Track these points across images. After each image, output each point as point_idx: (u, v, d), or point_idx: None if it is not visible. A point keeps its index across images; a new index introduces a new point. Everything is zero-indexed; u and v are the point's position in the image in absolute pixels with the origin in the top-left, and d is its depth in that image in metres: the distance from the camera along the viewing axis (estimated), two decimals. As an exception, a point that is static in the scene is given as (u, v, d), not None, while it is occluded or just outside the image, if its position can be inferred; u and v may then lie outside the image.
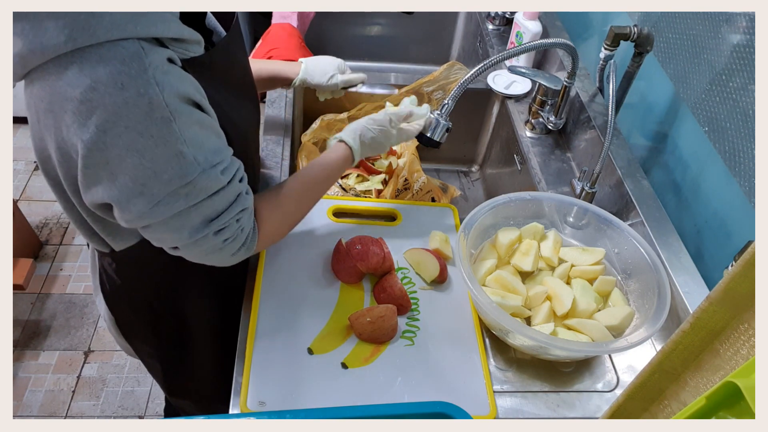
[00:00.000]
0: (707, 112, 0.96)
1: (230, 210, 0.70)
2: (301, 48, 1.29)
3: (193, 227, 0.68)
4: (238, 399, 0.77)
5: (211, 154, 0.65)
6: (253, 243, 0.77)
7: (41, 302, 1.96)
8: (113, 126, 0.58)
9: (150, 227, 0.68)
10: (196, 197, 0.65)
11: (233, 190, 0.69)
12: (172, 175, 0.62)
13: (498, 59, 0.98)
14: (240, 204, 0.71)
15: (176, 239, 0.69)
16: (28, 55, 0.56)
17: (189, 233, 0.68)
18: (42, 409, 1.70)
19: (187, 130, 0.62)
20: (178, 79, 0.61)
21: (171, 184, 0.63)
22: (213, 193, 0.67)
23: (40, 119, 0.61)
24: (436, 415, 0.65)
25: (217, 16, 0.80)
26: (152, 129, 0.59)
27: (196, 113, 0.63)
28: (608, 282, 0.90)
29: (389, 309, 0.85)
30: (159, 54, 0.59)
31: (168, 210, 0.65)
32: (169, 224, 0.67)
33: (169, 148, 0.61)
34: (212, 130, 0.66)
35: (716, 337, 0.50)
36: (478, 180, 1.53)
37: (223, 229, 0.70)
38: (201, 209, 0.67)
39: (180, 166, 0.62)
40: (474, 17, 1.70)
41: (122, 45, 0.56)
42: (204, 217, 0.68)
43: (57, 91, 0.57)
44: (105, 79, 0.56)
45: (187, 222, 0.67)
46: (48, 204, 2.29)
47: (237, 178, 0.70)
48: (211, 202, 0.67)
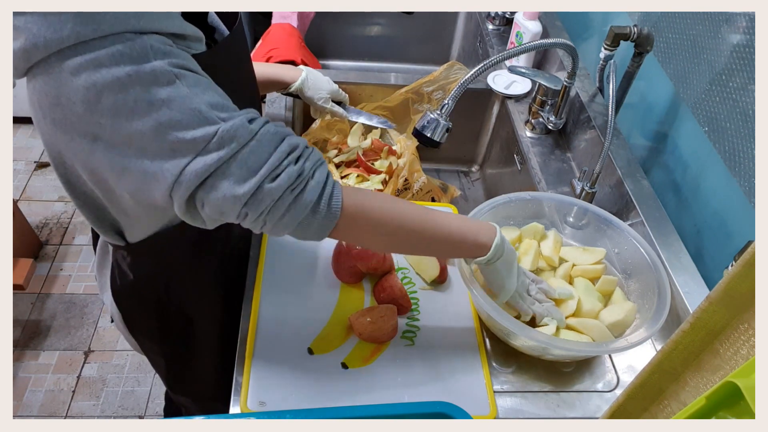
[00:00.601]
0: (707, 112, 0.96)
1: (276, 153, 0.62)
2: (301, 48, 1.29)
3: (240, 177, 0.61)
4: (238, 399, 0.77)
5: (228, 110, 0.62)
6: (338, 199, 0.66)
7: (41, 302, 1.96)
8: (123, 102, 0.57)
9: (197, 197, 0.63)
10: (227, 149, 0.60)
11: (270, 134, 0.63)
12: (194, 132, 0.59)
13: (498, 59, 0.98)
14: (287, 145, 0.63)
15: (230, 201, 0.62)
16: (32, 49, 0.56)
17: (236, 182, 0.61)
18: (42, 409, 1.70)
19: (197, 88, 0.60)
20: (177, 55, 0.61)
21: (197, 142, 0.59)
22: (245, 143, 0.61)
23: (46, 115, 0.61)
24: (436, 415, 0.65)
25: (220, 15, 0.80)
26: (162, 93, 0.58)
27: (205, 79, 0.62)
28: (610, 282, 0.90)
29: (389, 309, 0.85)
30: (160, 39, 0.60)
31: (201, 169, 0.60)
32: (213, 185, 0.61)
33: (184, 108, 0.58)
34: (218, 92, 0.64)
35: (716, 337, 0.50)
36: (478, 180, 1.53)
37: (279, 175, 0.62)
38: (240, 160, 0.61)
39: (200, 121, 0.59)
40: (474, 17, 1.70)
41: (126, 36, 0.57)
42: (248, 167, 0.61)
43: (62, 82, 0.57)
44: (106, 59, 0.56)
45: (231, 176, 0.61)
46: (48, 204, 2.29)
47: (270, 125, 0.64)
48: (248, 149, 0.61)
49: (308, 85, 1.05)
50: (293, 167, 0.63)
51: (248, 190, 0.61)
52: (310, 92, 1.06)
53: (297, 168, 0.63)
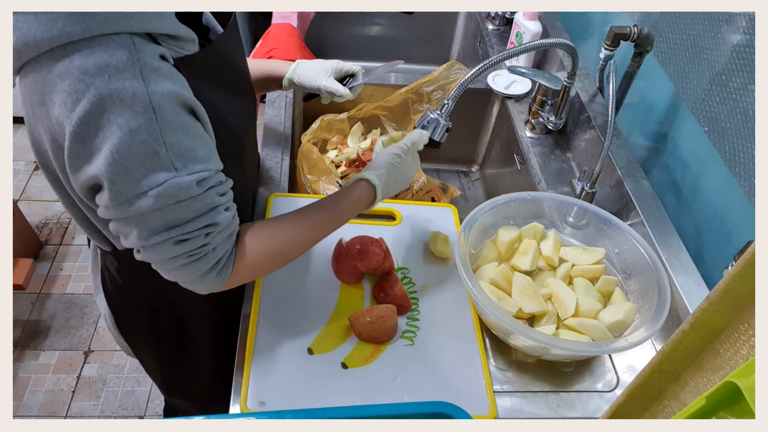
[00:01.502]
0: (707, 112, 0.96)
1: (196, 221, 0.65)
2: (301, 48, 1.29)
3: (153, 229, 0.64)
4: (238, 399, 0.77)
5: (191, 162, 0.62)
6: (227, 270, 0.71)
7: (41, 302, 1.96)
8: (97, 117, 0.57)
9: (114, 221, 0.65)
10: (161, 201, 0.61)
11: (205, 202, 0.65)
12: (142, 175, 0.60)
13: (498, 59, 0.98)
14: (210, 218, 0.66)
15: (136, 238, 0.65)
16: (22, 48, 0.57)
17: (148, 233, 0.64)
18: (42, 409, 1.70)
19: (169, 130, 0.59)
20: (168, 77, 0.60)
21: (139, 186, 0.60)
22: (179, 200, 0.62)
23: (34, 113, 0.61)
24: (436, 415, 0.65)
25: (215, 15, 0.80)
26: (131, 123, 0.57)
27: (184, 116, 0.61)
28: (610, 282, 0.90)
29: (389, 309, 0.85)
30: (151, 50, 0.59)
31: (131, 209, 0.62)
32: (129, 220, 0.64)
33: (145, 147, 0.59)
34: (201, 139, 0.64)
35: (716, 337, 0.49)
36: (478, 180, 1.53)
37: (186, 241, 0.65)
38: (164, 213, 0.63)
39: (153, 167, 0.60)
40: (474, 17, 1.70)
41: (113, 39, 0.57)
42: (165, 221, 0.63)
43: (48, 83, 0.57)
44: (93, 70, 0.56)
45: (149, 222, 0.63)
46: (48, 204, 2.29)
47: (215, 191, 0.66)
48: (177, 207, 0.63)
49: (298, 73, 1.00)
50: (203, 239, 0.67)
51: (150, 239, 0.64)
52: (302, 79, 1.00)
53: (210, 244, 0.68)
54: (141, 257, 0.68)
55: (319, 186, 1.12)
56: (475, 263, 0.94)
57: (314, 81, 0.97)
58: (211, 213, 0.66)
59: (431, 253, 0.99)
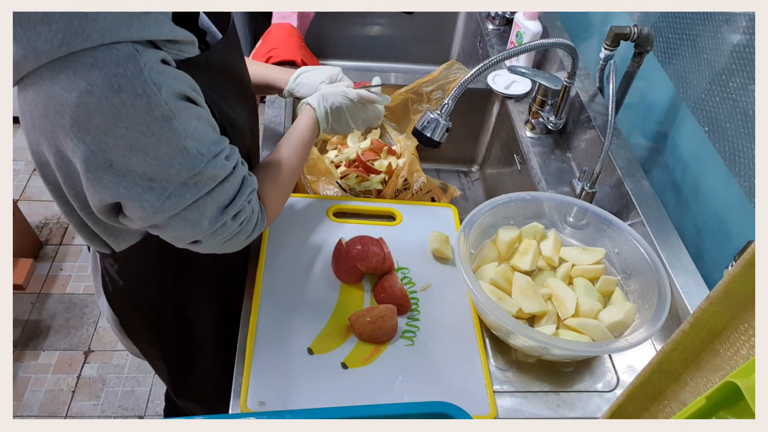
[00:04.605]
0: (707, 112, 0.96)
1: (241, 193, 0.72)
2: (301, 48, 1.29)
3: (211, 216, 0.69)
4: (238, 399, 0.77)
5: (212, 144, 0.66)
6: (263, 221, 0.78)
7: (41, 302, 1.96)
8: (114, 128, 0.58)
9: (167, 225, 0.68)
10: (205, 186, 0.66)
11: (239, 174, 0.71)
12: (179, 168, 0.63)
13: (498, 59, 0.98)
14: (248, 185, 0.73)
15: (197, 232, 0.70)
16: (22, 61, 0.56)
17: (209, 223, 0.69)
18: (42, 409, 1.70)
19: (188, 125, 0.63)
20: (172, 78, 0.61)
21: (179, 176, 0.64)
22: (222, 180, 0.68)
23: (35, 124, 0.61)
24: (436, 415, 0.65)
25: (212, 18, 0.79)
26: (153, 127, 0.60)
27: (193, 108, 0.64)
28: (610, 282, 0.90)
29: (389, 309, 0.85)
30: (153, 55, 0.59)
31: (180, 202, 0.65)
32: (186, 218, 0.67)
33: (172, 145, 0.61)
34: (208, 123, 0.67)
35: (716, 337, 0.49)
36: (478, 180, 1.53)
37: (239, 213, 0.72)
38: (214, 197, 0.68)
39: (185, 159, 0.63)
40: (474, 17, 1.70)
41: (116, 48, 0.56)
42: (219, 205, 0.69)
43: (52, 95, 0.57)
44: (101, 81, 0.56)
45: (205, 212, 0.68)
46: (48, 204, 2.29)
47: (239, 160, 0.72)
48: (222, 188, 0.68)
49: (298, 84, 1.00)
50: (248, 206, 0.74)
51: (213, 226, 0.70)
52: (303, 91, 1.00)
53: (251, 207, 0.75)
54: (199, 248, 0.73)
55: (319, 186, 1.12)
56: (475, 263, 0.94)
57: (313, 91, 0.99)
58: (246, 181, 0.73)
59: (431, 253, 0.99)
